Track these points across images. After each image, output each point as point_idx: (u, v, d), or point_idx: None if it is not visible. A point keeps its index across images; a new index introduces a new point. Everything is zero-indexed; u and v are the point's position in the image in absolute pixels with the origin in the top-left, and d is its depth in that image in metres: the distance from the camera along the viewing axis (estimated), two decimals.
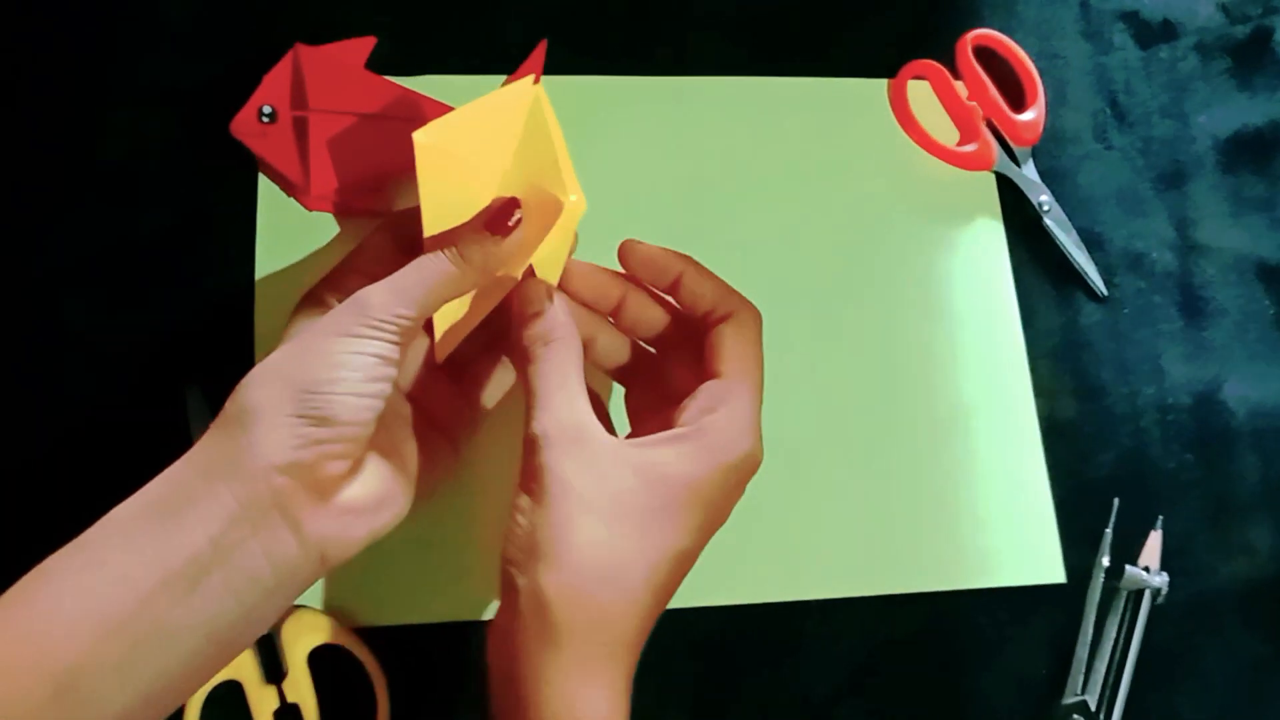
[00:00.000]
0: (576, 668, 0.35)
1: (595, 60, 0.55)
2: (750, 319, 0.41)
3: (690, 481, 0.37)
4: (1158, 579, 0.50)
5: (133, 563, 0.33)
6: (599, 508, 0.36)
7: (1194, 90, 0.59)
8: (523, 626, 0.35)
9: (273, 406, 0.35)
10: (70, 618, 0.32)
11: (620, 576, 0.36)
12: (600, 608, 0.35)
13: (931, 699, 0.49)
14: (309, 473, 0.35)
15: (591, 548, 0.35)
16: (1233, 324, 0.56)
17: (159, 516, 0.34)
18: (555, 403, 0.38)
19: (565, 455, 0.37)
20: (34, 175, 0.50)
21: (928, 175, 0.56)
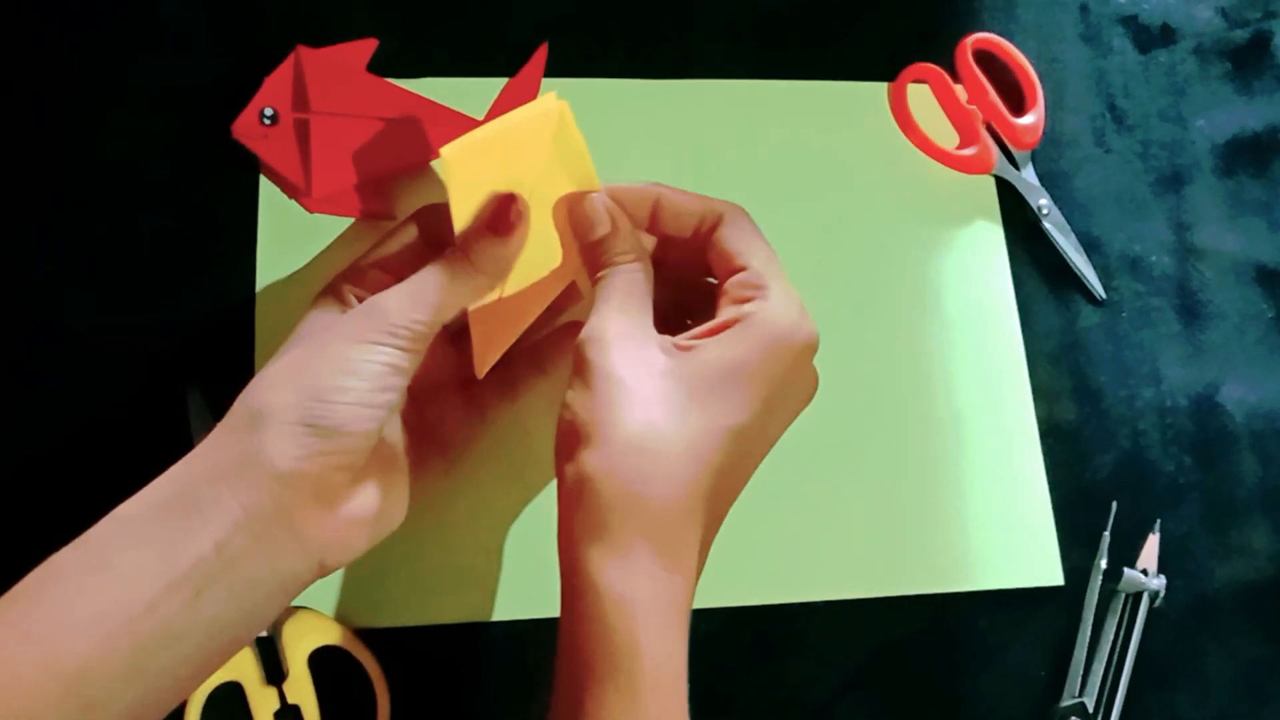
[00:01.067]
0: (619, 545, 0.34)
1: (595, 63, 0.55)
2: (741, 214, 0.42)
3: (736, 362, 0.37)
4: (1155, 582, 0.50)
5: (140, 565, 0.33)
6: (640, 393, 0.36)
7: (1193, 94, 0.60)
8: (570, 511, 0.36)
9: (282, 412, 0.35)
10: (79, 619, 0.32)
11: (660, 454, 0.35)
12: (641, 485, 0.35)
13: (930, 701, 0.49)
14: (314, 482, 0.35)
15: (636, 433, 0.35)
16: (1231, 327, 0.56)
17: (166, 519, 0.34)
18: (607, 309, 0.39)
19: (614, 350, 0.37)
20: (34, 175, 0.50)
21: (927, 179, 0.56)
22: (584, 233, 0.41)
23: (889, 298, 0.54)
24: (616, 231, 0.41)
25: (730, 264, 0.40)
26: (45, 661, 0.32)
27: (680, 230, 0.42)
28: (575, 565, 0.35)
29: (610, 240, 0.41)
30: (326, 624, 0.45)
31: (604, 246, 0.41)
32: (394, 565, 0.47)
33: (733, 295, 0.40)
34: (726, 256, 0.41)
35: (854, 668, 0.49)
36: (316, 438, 0.35)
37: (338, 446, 0.35)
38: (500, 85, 0.53)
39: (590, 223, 0.41)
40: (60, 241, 0.49)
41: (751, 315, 0.38)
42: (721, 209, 0.42)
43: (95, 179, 0.50)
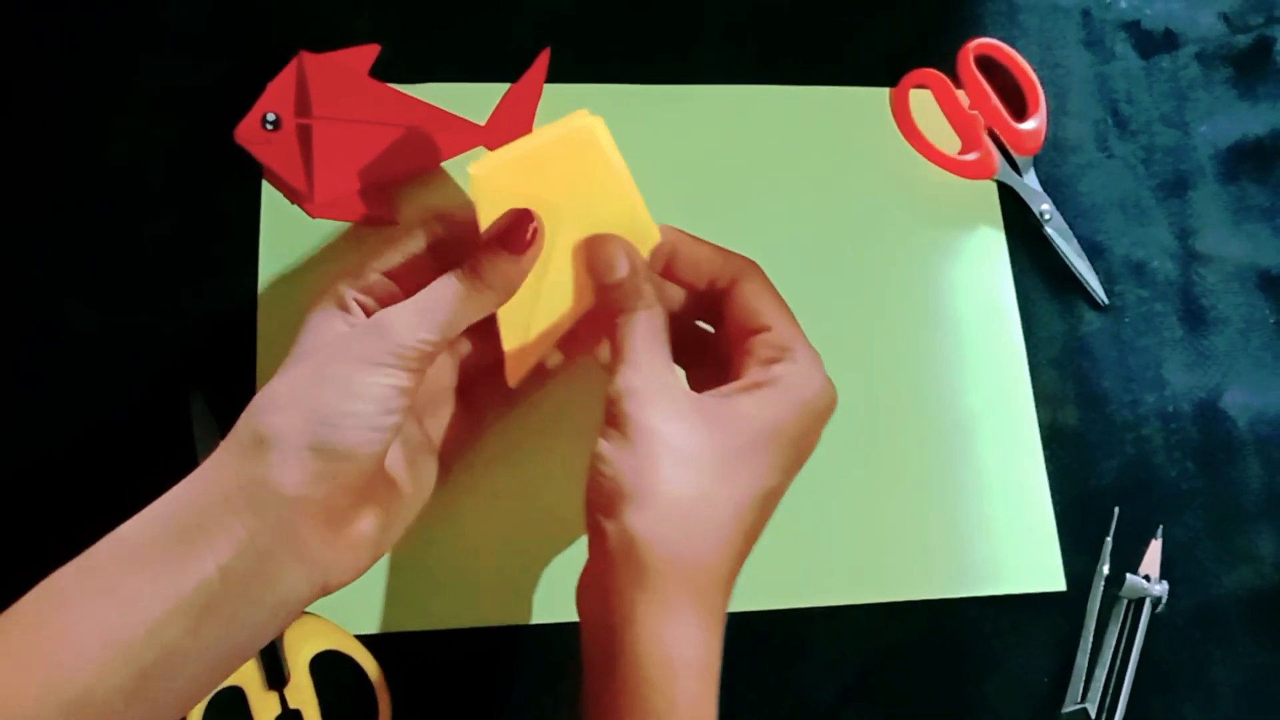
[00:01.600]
0: (666, 607, 0.35)
1: (598, 68, 0.55)
2: (758, 271, 0.42)
3: (772, 424, 0.38)
4: (1158, 587, 0.50)
5: (143, 589, 0.33)
6: (684, 452, 0.36)
7: (1195, 99, 0.60)
8: (613, 570, 0.35)
9: (289, 436, 0.35)
10: (81, 643, 0.32)
11: (707, 517, 0.36)
12: (689, 547, 0.35)
13: (933, 706, 0.49)
14: (319, 505, 0.35)
15: (678, 489, 0.36)
16: (1234, 333, 0.56)
17: (168, 542, 0.34)
18: (640, 360, 0.38)
19: (649, 405, 0.37)
20: (37, 179, 0.50)
21: (929, 184, 0.56)
22: (601, 274, 0.41)
23: (891, 303, 0.54)
24: (635, 274, 0.40)
25: (753, 322, 0.41)
26: (46, 686, 0.32)
27: (694, 281, 0.42)
28: (619, 622, 0.35)
29: (629, 283, 0.40)
30: (328, 629, 0.45)
31: (622, 290, 0.40)
32: (396, 571, 0.47)
33: (760, 355, 0.40)
34: (749, 314, 0.41)
35: (857, 673, 0.49)
36: (323, 462, 0.35)
37: (344, 470, 0.35)
38: (503, 90, 0.53)
39: (608, 266, 0.40)
40: (63, 245, 0.49)
41: (783, 378, 0.39)
42: (739, 266, 0.42)
43: (98, 183, 0.50)
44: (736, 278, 0.41)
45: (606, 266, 0.40)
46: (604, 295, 0.41)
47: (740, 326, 0.41)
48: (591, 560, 0.37)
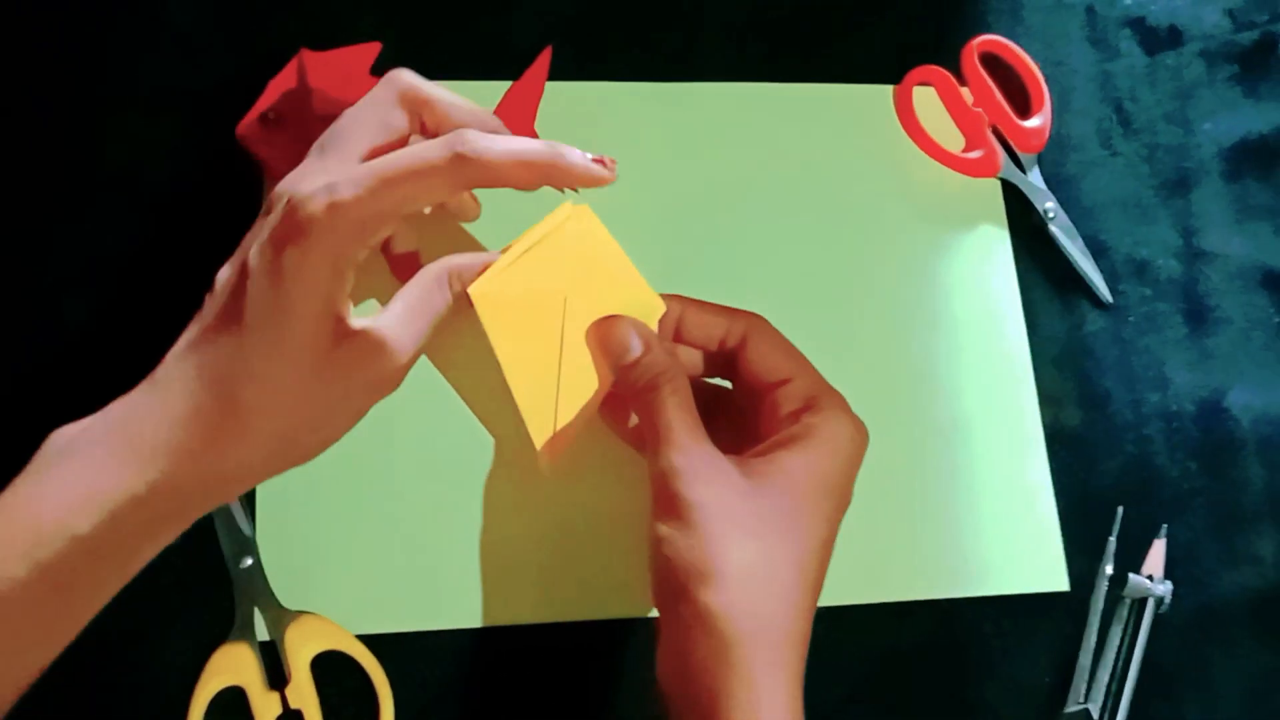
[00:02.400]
0: (755, 676, 0.35)
1: (600, 66, 0.55)
2: (765, 325, 0.43)
3: (818, 477, 0.39)
4: (1161, 588, 0.50)
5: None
6: (744, 522, 0.37)
7: (1199, 97, 0.59)
8: (696, 649, 0.36)
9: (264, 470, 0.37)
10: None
11: (777, 581, 0.37)
12: (767, 615, 0.36)
13: (935, 706, 0.49)
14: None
15: (746, 561, 0.36)
16: (1238, 332, 0.56)
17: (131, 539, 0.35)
18: (678, 437, 0.39)
19: (700, 481, 0.38)
20: (39, 180, 0.50)
21: (933, 182, 0.56)
22: (617, 357, 0.41)
23: (894, 301, 0.54)
24: (650, 350, 0.40)
25: (772, 376, 0.41)
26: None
27: (704, 343, 0.43)
28: (711, 700, 0.35)
29: (646, 361, 0.40)
30: (329, 629, 0.45)
31: (641, 368, 0.40)
32: (397, 570, 0.47)
33: (787, 408, 0.41)
34: (766, 369, 0.42)
35: (860, 674, 0.48)
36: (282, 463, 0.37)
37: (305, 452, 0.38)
38: (504, 88, 0.53)
39: (622, 348, 0.41)
40: (65, 245, 0.49)
41: (819, 428, 0.39)
42: (746, 323, 0.42)
43: (100, 182, 0.50)
44: (745, 334, 0.42)
45: (621, 348, 0.40)
46: (624, 375, 0.41)
47: (759, 381, 0.42)
48: (668, 639, 0.38)
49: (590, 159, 0.38)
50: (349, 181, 0.34)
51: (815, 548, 0.38)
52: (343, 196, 0.34)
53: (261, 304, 0.34)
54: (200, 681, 0.44)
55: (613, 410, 0.45)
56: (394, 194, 0.35)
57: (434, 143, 0.36)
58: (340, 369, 0.36)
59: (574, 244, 0.40)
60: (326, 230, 0.34)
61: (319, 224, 0.34)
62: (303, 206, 0.34)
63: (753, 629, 0.36)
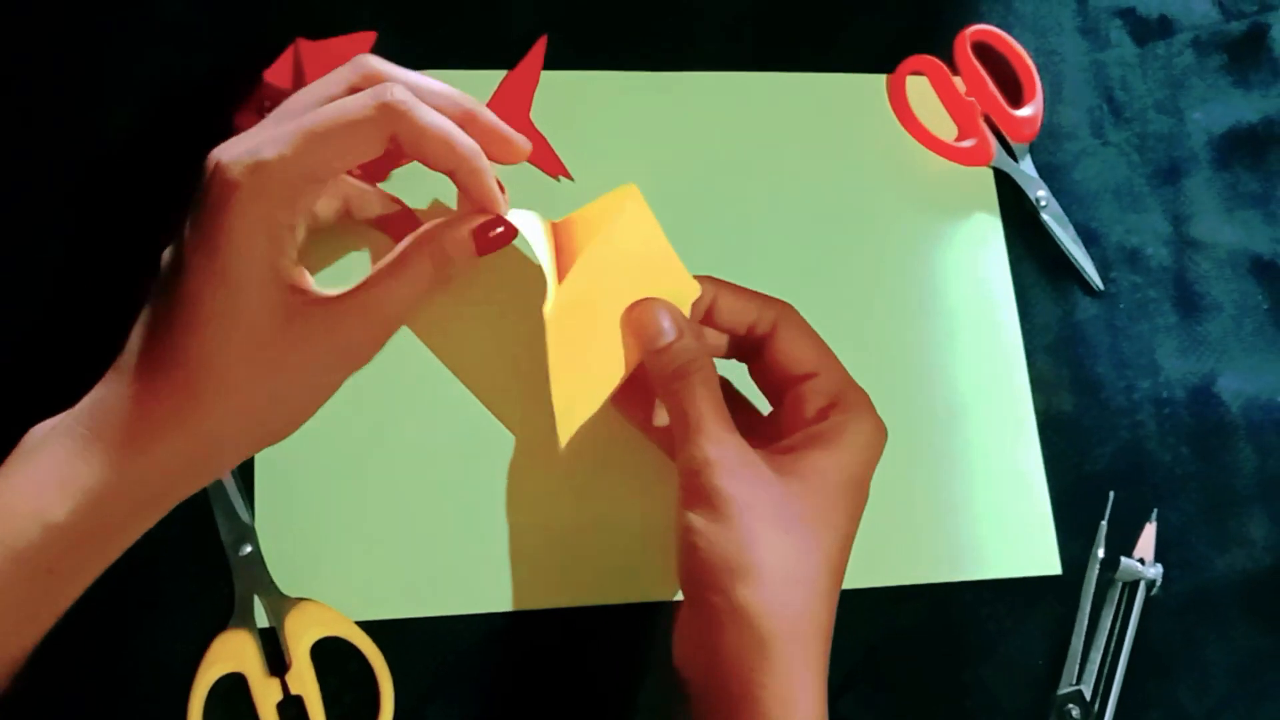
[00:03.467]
0: (787, 667, 0.36)
1: (595, 55, 0.55)
2: (794, 315, 0.43)
3: (844, 473, 0.39)
4: (1152, 571, 0.50)
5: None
6: (775, 517, 0.38)
7: (1190, 86, 0.60)
8: (729, 641, 0.36)
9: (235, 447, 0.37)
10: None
11: (807, 577, 0.38)
12: (799, 609, 0.37)
13: (932, 689, 0.49)
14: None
15: (780, 557, 0.37)
16: (1228, 318, 0.56)
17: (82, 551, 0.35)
18: (711, 428, 0.39)
19: (733, 475, 0.38)
20: (35, 168, 0.50)
21: (926, 170, 0.56)
22: (649, 340, 0.40)
23: (887, 289, 0.54)
24: (683, 335, 0.40)
25: (799, 369, 0.42)
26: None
27: (733, 328, 0.43)
28: (743, 692, 0.36)
29: (677, 347, 0.40)
30: (330, 615, 0.45)
31: (670, 354, 0.40)
32: (397, 557, 0.47)
33: (814, 403, 0.41)
34: (794, 361, 0.42)
35: (856, 658, 0.49)
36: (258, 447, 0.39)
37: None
38: (500, 77, 0.53)
39: (656, 331, 0.40)
40: (62, 238, 0.49)
41: (847, 427, 0.40)
42: (777, 312, 0.43)
43: (95, 172, 0.50)
44: (776, 323, 0.42)
45: (654, 332, 0.40)
46: (654, 359, 0.41)
47: (785, 372, 0.42)
48: (695, 627, 0.38)
49: (496, 189, 0.39)
50: (271, 140, 0.34)
51: (842, 545, 0.39)
52: (265, 156, 0.33)
53: (200, 276, 0.34)
54: (201, 668, 0.44)
55: (627, 397, 0.44)
56: (320, 149, 0.34)
57: (359, 95, 0.35)
58: (299, 338, 0.35)
59: (622, 213, 0.40)
60: (254, 192, 0.33)
61: (245, 186, 0.33)
62: (227, 170, 0.33)
63: (788, 626, 0.36)
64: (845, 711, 0.48)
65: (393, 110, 0.35)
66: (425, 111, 0.36)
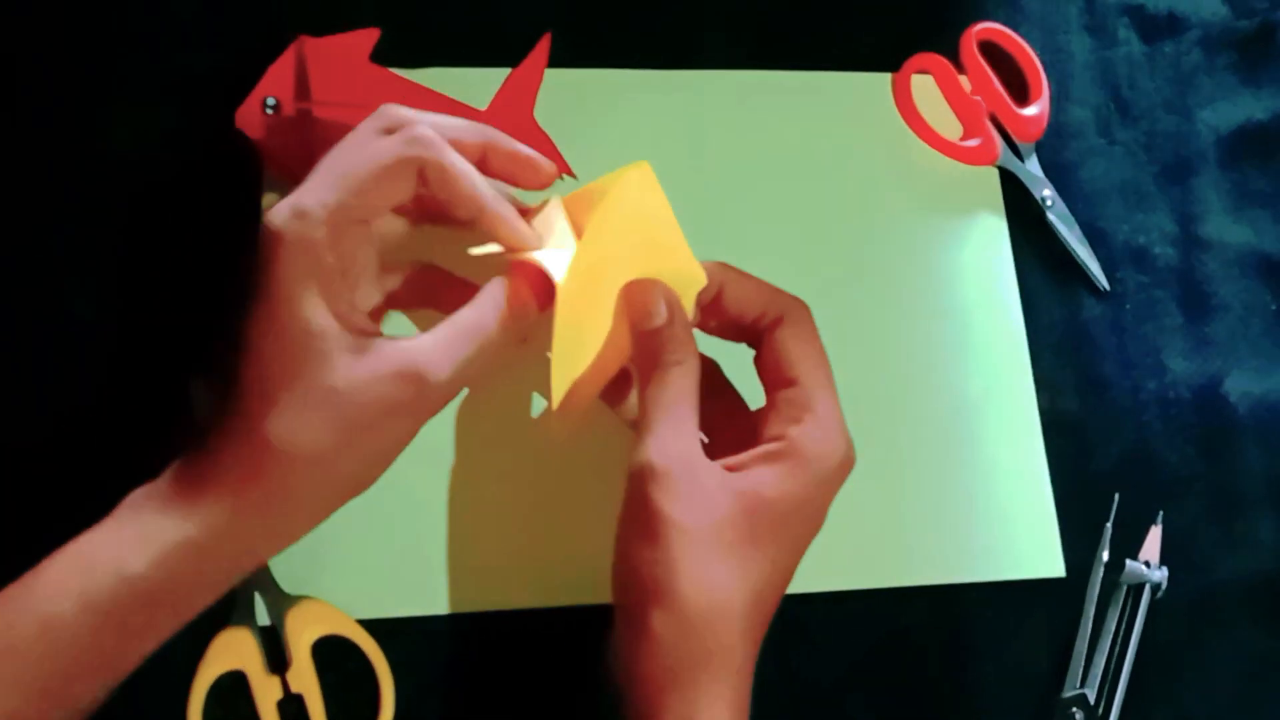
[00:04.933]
0: (694, 696, 0.35)
1: (598, 53, 0.55)
2: (802, 314, 0.41)
3: (790, 500, 0.37)
4: (1157, 574, 0.50)
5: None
6: (705, 541, 0.36)
7: (1198, 85, 0.59)
8: (641, 659, 0.36)
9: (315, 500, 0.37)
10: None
11: (732, 610, 0.36)
12: (713, 640, 0.36)
13: (933, 691, 0.49)
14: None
15: (703, 587, 0.36)
16: (1235, 319, 0.56)
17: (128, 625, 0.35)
18: (664, 431, 0.37)
19: (670, 491, 0.36)
20: (41, 166, 0.50)
21: (931, 169, 0.56)
22: (639, 321, 0.40)
23: (892, 289, 0.54)
24: (673, 324, 0.39)
25: (782, 372, 0.40)
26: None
27: (739, 317, 0.42)
28: (646, 705, 0.36)
29: (665, 334, 0.39)
30: (330, 613, 0.45)
31: (658, 340, 0.39)
32: (397, 556, 0.47)
33: (783, 413, 0.39)
34: (780, 363, 0.40)
35: (858, 659, 0.49)
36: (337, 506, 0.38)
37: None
38: (503, 75, 0.53)
39: (647, 313, 0.39)
40: (65, 232, 0.49)
41: (801, 446, 0.38)
42: (785, 307, 0.41)
43: (99, 170, 0.50)
44: (782, 317, 0.41)
45: (645, 313, 0.40)
46: (641, 341, 0.40)
47: (772, 373, 0.40)
48: (620, 642, 0.37)
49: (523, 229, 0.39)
50: (309, 190, 0.36)
51: (775, 579, 0.38)
52: (305, 203, 0.35)
53: (256, 329, 0.35)
54: (201, 666, 0.44)
55: (616, 392, 0.44)
56: (357, 190, 0.36)
57: (388, 138, 0.37)
58: (363, 387, 0.35)
59: (633, 192, 0.39)
60: (297, 237, 0.35)
61: (288, 233, 0.35)
62: (270, 222, 0.35)
63: (699, 656, 0.36)
64: (848, 712, 0.48)
65: (420, 143, 0.37)
66: (450, 150, 0.37)
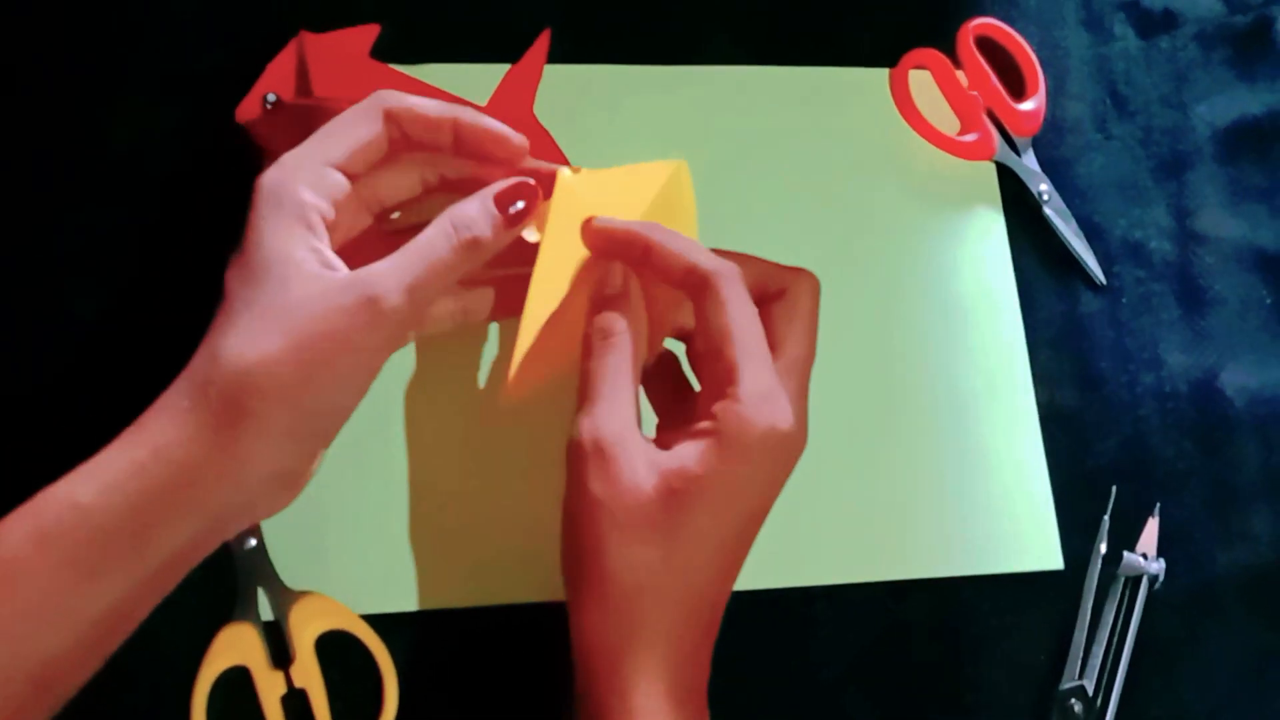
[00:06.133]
0: (627, 673, 0.35)
1: (598, 49, 0.55)
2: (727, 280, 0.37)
3: (716, 476, 0.35)
4: (1155, 566, 0.50)
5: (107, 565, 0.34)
6: (629, 522, 0.35)
7: (1194, 80, 0.60)
8: (577, 638, 0.36)
9: (271, 424, 0.34)
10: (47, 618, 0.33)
11: (655, 586, 0.35)
12: (640, 617, 0.35)
13: (933, 684, 0.49)
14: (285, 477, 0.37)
15: (624, 562, 0.35)
16: (1231, 313, 0.56)
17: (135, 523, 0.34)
18: (599, 409, 0.37)
19: (597, 467, 0.36)
20: (42, 164, 0.50)
21: (928, 165, 0.56)
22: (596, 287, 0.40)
23: (890, 284, 0.54)
24: (625, 297, 0.39)
25: (709, 345, 0.37)
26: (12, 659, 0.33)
27: (668, 283, 0.39)
28: (579, 690, 0.36)
29: (619, 306, 0.39)
30: (334, 608, 0.45)
31: (604, 314, 0.38)
32: (400, 551, 0.47)
33: (709, 388, 0.37)
34: (707, 338, 0.37)
35: (857, 652, 0.49)
36: (301, 447, 0.36)
37: (320, 449, 0.37)
38: (503, 71, 0.53)
39: (601, 281, 0.39)
40: (67, 230, 0.49)
41: (727, 423, 0.35)
42: (707, 271, 0.37)
43: (101, 167, 0.50)
44: (706, 281, 0.37)
45: (600, 281, 0.39)
46: (589, 315, 0.39)
47: (700, 342, 0.38)
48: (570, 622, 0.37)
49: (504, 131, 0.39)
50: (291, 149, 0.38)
51: (710, 558, 0.36)
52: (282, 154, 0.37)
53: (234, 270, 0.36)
54: (205, 661, 0.44)
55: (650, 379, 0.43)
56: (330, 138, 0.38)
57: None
58: (313, 302, 0.34)
59: (662, 182, 0.40)
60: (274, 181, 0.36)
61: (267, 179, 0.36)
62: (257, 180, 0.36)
63: (627, 633, 0.35)
64: (847, 706, 0.48)
65: (386, 95, 0.38)
66: (417, 97, 0.39)
